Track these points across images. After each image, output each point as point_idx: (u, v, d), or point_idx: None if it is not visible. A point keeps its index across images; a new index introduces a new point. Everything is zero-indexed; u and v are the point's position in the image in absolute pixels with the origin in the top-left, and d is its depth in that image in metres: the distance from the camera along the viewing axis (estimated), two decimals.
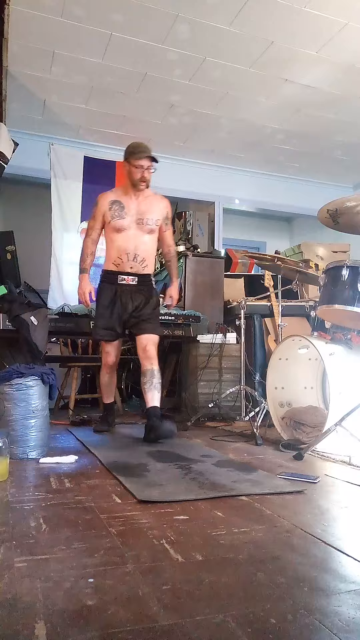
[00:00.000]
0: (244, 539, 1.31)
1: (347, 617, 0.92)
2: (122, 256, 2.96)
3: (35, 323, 3.44)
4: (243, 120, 4.93)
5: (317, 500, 1.71)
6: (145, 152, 2.86)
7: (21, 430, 2.31)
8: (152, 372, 2.89)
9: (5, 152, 3.69)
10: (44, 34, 3.66)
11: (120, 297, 2.99)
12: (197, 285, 4.43)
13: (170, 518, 1.47)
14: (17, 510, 1.55)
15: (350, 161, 5.81)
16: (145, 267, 3.01)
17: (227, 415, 3.60)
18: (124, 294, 2.99)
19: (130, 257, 2.96)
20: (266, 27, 3.57)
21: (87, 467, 2.14)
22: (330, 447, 2.42)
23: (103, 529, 1.37)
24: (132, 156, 2.88)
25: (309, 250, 4.64)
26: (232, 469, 2.11)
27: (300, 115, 4.79)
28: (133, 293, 2.99)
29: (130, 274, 2.98)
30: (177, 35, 3.67)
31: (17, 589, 1.02)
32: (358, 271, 2.46)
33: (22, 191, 5.65)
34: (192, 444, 2.78)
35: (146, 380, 2.89)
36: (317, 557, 1.21)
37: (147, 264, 3.02)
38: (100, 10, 3.42)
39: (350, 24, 3.51)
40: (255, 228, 7.31)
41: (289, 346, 2.92)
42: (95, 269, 5.25)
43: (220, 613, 0.93)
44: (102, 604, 0.95)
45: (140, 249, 2.97)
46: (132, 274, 2.98)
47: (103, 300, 3.02)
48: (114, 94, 4.49)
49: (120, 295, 2.99)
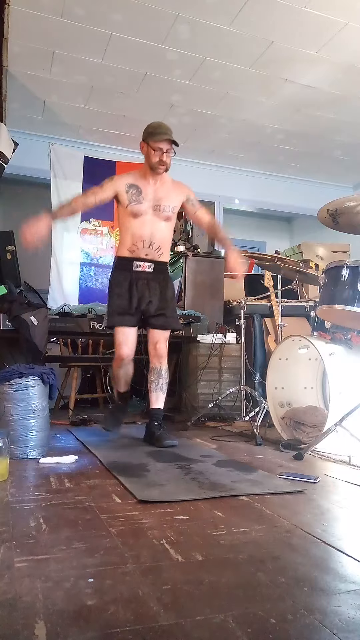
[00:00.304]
0: (244, 539, 1.31)
1: (347, 617, 0.92)
2: (137, 243, 2.79)
3: (35, 323, 3.44)
4: (243, 120, 4.93)
5: (317, 500, 1.71)
6: (165, 133, 2.68)
7: (21, 430, 2.31)
8: (160, 372, 2.81)
9: (5, 152, 3.70)
10: (44, 34, 3.66)
11: (136, 284, 2.79)
12: (197, 285, 4.43)
13: (170, 518, 1.47)
14: (17, 510, 1.54)
15: (350, 161, 5.81)
16: (160, 255, 2.85)
17: (227, 415, 3.59)
18: (140, 281, 2.80)
19: (145, 244, 2.79)
20: (266, 27, 3.57)
21: (87, 467, 2.14)
22: (330, 447, 2.42)
23: (103, 529, 1.37)
24: (150, 137, 2.70)
25: (309, 250, 4.64)
26: (232, 469, 2.11)
27: (300, 115, 4.79)
28: (149, 281, 2.81)
29: (146, 261, 2.80)
30: (177, 35, 3.67)
31: (17, 589, 1.02)
32: (358, 271, 2.46)
33: (22, 191, 5.65)
34: (192, 444, 2.78)
35: (153, 380, 2.82)
36: (317, 557, 1.21)
37: (163, 251, 2.86)
38: (100, 10, 3.42)
39: (350, 24, 3.51)
40: (255, 228, 7.31)
41: (289, 346, 2.91)
42: (96, 269, 5.29)
43: (220, 613, 0.93)
44: (102, 604, 0.95)
45: (156, 236, 2.80)
46: (147, 260, 2.80)
47: (117, 288, 2.82)
48: (114, 94, 4.49)
49: (135, 282, 2.79)
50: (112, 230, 5.28)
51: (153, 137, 2.70)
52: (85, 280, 5.20)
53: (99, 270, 5.28)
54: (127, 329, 2.80)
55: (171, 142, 2.70)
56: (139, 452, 2.48)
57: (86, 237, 5.21)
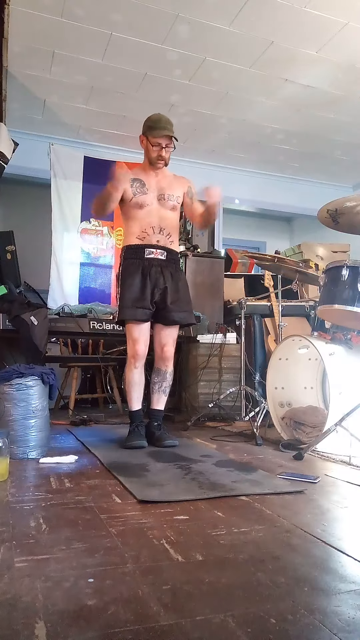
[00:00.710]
0: (244, 539, 1.31)
1: (347, 617, 0.92)
2: (147, 230, 2.68)
3: (35, 323, 3.44)
4: (243, 120, 4.93)
5: (317, 500, 1.71)
6: (164, 129, 2.62)
7: (21, 430, 2.31)
8: (164, 375, 2.79)
9: (5, 152, 3.69)
10: (44, 34, 3.65)
11: (149, 272, 2.66)
12: (197, 285, 4.43)
13: (170, 518, 1.47)
14: (17, 510, 1.54)
15: (350, 161, 5.81)
16: (172, 243, 2.76)
17: (227, 415, 3.60)
18: (153, 268, 2.67)
19: (156, 230, 2.69)
20: (266, 27, 3.57)
21: (87, 467, 2.14)
22: (330, 447, 2.42)
23: (103, 529, 1.37)
24: (149, 132, 2.65)
25: (309, 250, 4.64)
26: (232, 469, 2.11)
27: (300, 115, 4.79)
28: (163, 268, 2.69)
29: (159, 247, 2.69)
30: (177, 35, 3.67)
31: (17, 589, 1.02)
32: (358, 271, 2.46)
33: (22, 191, 5.65)
34: (192, 444, 2.78)
35: (157, 381, 2.80)
36: (317, 557, 1.21)
37: (173, 239, 2.77)
38: (100, 10, 3.42)
39: (350, 24, 3.51)
40: (255, 228, 7.31)
41: (289, 346, 2.91)
42: (96, 269, 5.29)
43: (220, 613, 0.93)
44: (102, 604, 0.95)
45: (164, 223, 2.72)
46: (160, 247, 2.69)
47: (129, 278, 2.65)
48: (114, 94, 4.49)
49: (149, 270, 2.66)
50: (112, 230, 5.28)
51: (152, 132, 2.64)
52: (85, 280, 5.20)
53: (99, 270, 5.28)
54: (140, 324, 2.66)
55: (171, 137, 2.65)
56: (139, 452, 2.48)
57: (86, 237, 5.21)
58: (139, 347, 2.65)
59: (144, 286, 2.63)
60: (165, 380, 2.80)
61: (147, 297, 2.63)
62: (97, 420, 3.61)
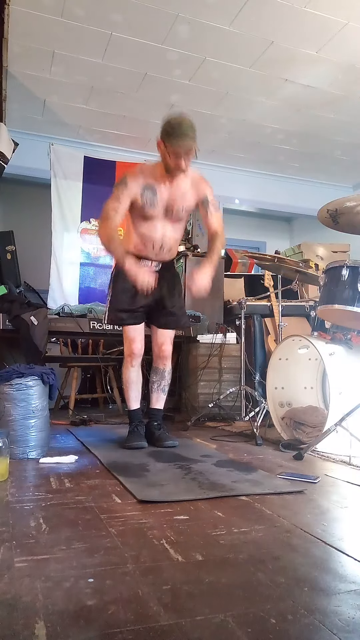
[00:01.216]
0: (244, 539, 1.31)
1: (347, 617, 0.92)
2: (147, 244, 2.62)
3: (35, 323, 3.44)
4: (243, 120, 4.93)
5: (317, 500, 1.71)
6: (186, 135, 2.36)
7: (21, 430, 2.31)
8: (163, 374, 2.79)
9: (5, 152, 3.70)
10: (44, 34, 3.65)
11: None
12: None
13: (170, 518, 1.47)
14: (17, 510, 1.54)
15: (350, 161, 5.81)
16: (171, 255, 2.75)
17: (227, 415, 3.60)
18: None
19: (156, 247, 2.63)
20: (266, 27, 3.57)
21: (87, 467, 2.14)
22: (330, 447, 2.42)
23: (103, 529, 1.37)
24: (168, 138, 2.39)
25: (309, 250, 4.64)
26: (232, 469, 2.11)
27: (300, 115, 4.79)
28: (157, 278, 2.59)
29: (155, 260, 2.68)
30: (177, 35, 3.67)
31: (17, 589, 1.02)
32: (358, 271, 2.46)
33: (22, 191, 5.65)
34: (192, 444, 2.78)
35: (155, 380, 2.80)
36: (317, 557, 1.21)
37: (173, 252, 2.75)
38: (100, 10, 3.42)
39: (350, 24, 3.51)
40: (255, 228, 7.31)
41: (289, 346, 2.91)
42: (96, 269, 5.29)
43: (220, 613, 0.93)
44: (102, 604, 0.95)
45: (166, 239, 2.64)
46: (155, 260, 2.68)
47: (122, 283, 2.60)
48: (114, 94, 4.49)
49: None
50: None
51: (170, 139, 2.39)
52: (85, 280, 5.20)
53: (98, 270, 5.28)
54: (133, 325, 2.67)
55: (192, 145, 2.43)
56: (139, 452, 2.48)
57: (86, 237, 5.21)
58: (135, 346, 2.67)
59: (136, 293, 2.57)
60: (163, 379, 2.80)
61: (138, 304, 2.63)
62: (97, 420, 3.61)
